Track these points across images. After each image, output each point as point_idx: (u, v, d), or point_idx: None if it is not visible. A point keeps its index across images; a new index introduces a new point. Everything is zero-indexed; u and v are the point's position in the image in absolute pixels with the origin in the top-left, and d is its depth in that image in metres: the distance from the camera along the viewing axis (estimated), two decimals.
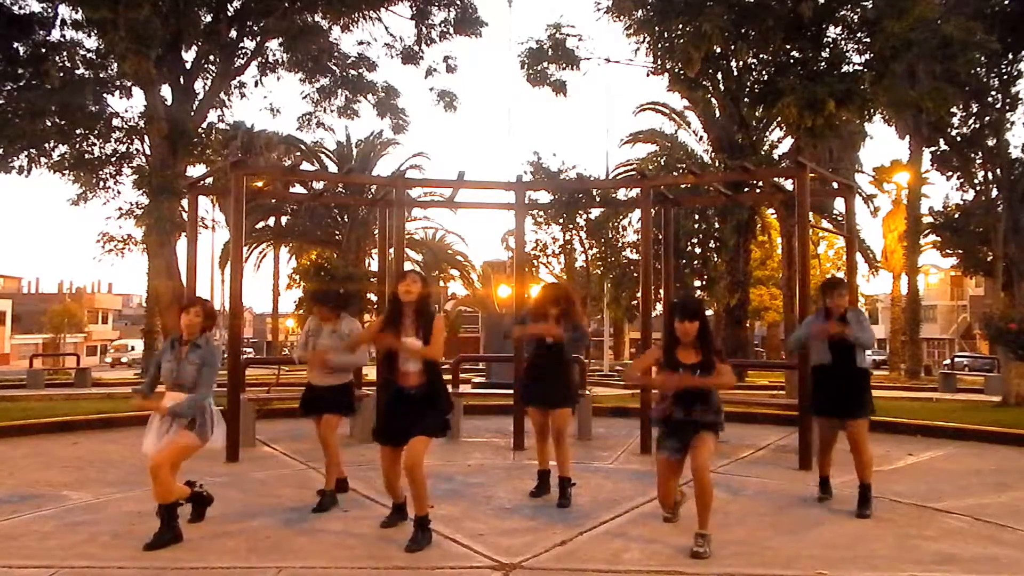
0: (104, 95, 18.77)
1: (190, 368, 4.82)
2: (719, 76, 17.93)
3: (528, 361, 6.00)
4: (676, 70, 15.78)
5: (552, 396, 5.80)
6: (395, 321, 4.72)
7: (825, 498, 5.81)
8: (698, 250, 21.47)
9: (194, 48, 18.92)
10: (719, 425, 4.70)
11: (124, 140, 18.76)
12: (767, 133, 23.20)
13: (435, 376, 4.75)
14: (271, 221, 35.03)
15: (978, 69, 19.73)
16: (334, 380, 5.92)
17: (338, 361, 5.82)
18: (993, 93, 21.39)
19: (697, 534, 4.48)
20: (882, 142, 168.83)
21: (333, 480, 5.80)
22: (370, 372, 7.85)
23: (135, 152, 18.94)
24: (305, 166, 28.09)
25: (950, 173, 23.58)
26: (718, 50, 15.25)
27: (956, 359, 32.36)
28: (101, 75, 18.62)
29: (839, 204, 22.11)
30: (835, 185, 10.87)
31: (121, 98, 21.82)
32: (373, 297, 18.97)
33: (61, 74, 17.20)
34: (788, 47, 14.24)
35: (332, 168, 33.97)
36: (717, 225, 21.49)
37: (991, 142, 21.97)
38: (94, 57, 18.46)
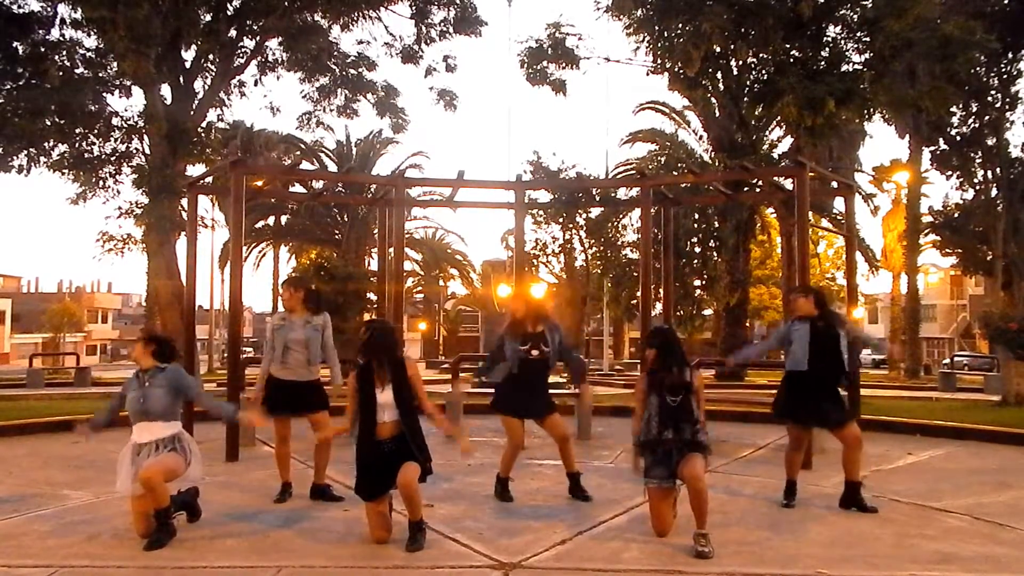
0: (103, 94, 18.77)
1: (158, 393, 4.77)
2: (719, 75, 17.95)
3: (511, 371, 5.75)
4: (676, 69, 15.79)
5: (536, 406, 5.76)
6: (368, 375, 4.71)
7: (790, 504, 5.66)
8: (698, 249, 21.51)
9: (193, 47, 18.91)
10: (707, 448, 4.78)
11: (124, 139, 18.75)
12: (767, 132, 23.22)
13: (411, 424, 4.68)
14: (271, 220, 35.03)
15: (978, 68, 19.76)
16: (307, 376, 5.84)
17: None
18: (993, 92, 21.41)
19: (697, 534, 4.49)
20: (882, 141, 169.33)
21: (324, 473, 5.86)
22: None
23: (135, 151, 18.93)
24: (305, 165, 28.11)
25: (950, 172, 23.60)
26: (718, 49, 15.27)
27: (956, 358, 32.35)
28: (100, 74, 18.62)
29: (839, 203, 22.14)
30: (835, 184, 10.87)
31: (120, 97, 21.88)
32: (373, 296, 18.99)
33: (60, 73, 17.20)
34: (788, 46, 14.26)
35: (332, 167, 33.97)
36: (717, 224, 21.53)
37: (991, 141, 21.99)
38: (93, 56, 18.46)
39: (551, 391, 6.15)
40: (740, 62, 16.61)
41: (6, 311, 61.01)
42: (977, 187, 23.28)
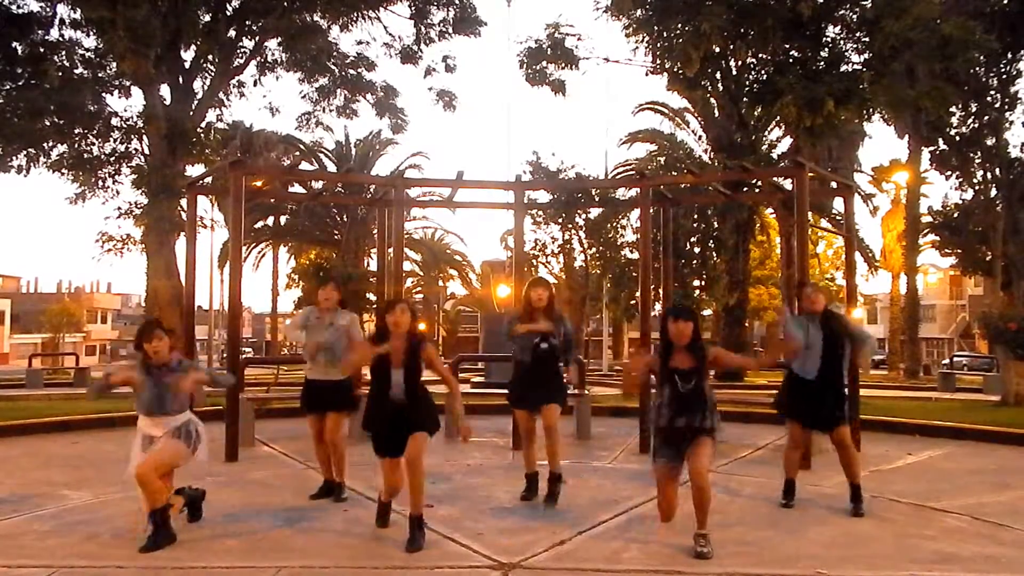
0: (103, 94, 18.76)
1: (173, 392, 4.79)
2: (718, 75, 17.97)
3: (519, 363, 5.80)
4: (675, 69, 15.79)
5: (539, 396, 5.70)
6: (384, 354, 4.71)
7: (789, 505, 5.66)
8: (697, 249, 21.51)
9: (193, 47, 18.91)
10: (717, 430, 4.72)
11: (123, 139, 18.75)
12: (766, 132, 23.23)
13: (422, 398, 4.76)
14: (270, 221, 35.01)
15: (977, 68, 19.77)
16: (335, 376, 5.90)
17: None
18: (992, 92, 21.40)
19: (697, 534, 4.49)
20: (881, 142, 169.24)
21: (344, 473, 5.88)
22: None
23: (134, 152, 18.93)
24: (304, 166, 28.12)
25: (949, 172, 23.60)
26: (717, 49, 15.27)
27: (955, 358, 32.34)
28: (100, 74, 18.62)
29: (838, 203, 22.15)
30: (834, 184, 10.87)
31: (120, 97, 21.86)
32: (372, 297, 18.98)
33: (60, 73, 17.20)
34: (787, 47, 14.26)
35: (331, 168, 33.95)
36: (716, 225, 21.53)
37: (990, 141, 21.98)
38: (93, 56, 18.45)
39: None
40: (739, 62, 16.63)
41: (5, 311, 61.01)
42: (976, 187, 23.27)
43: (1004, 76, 21.18)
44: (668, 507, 4.74)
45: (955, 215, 24.41)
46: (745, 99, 17.36)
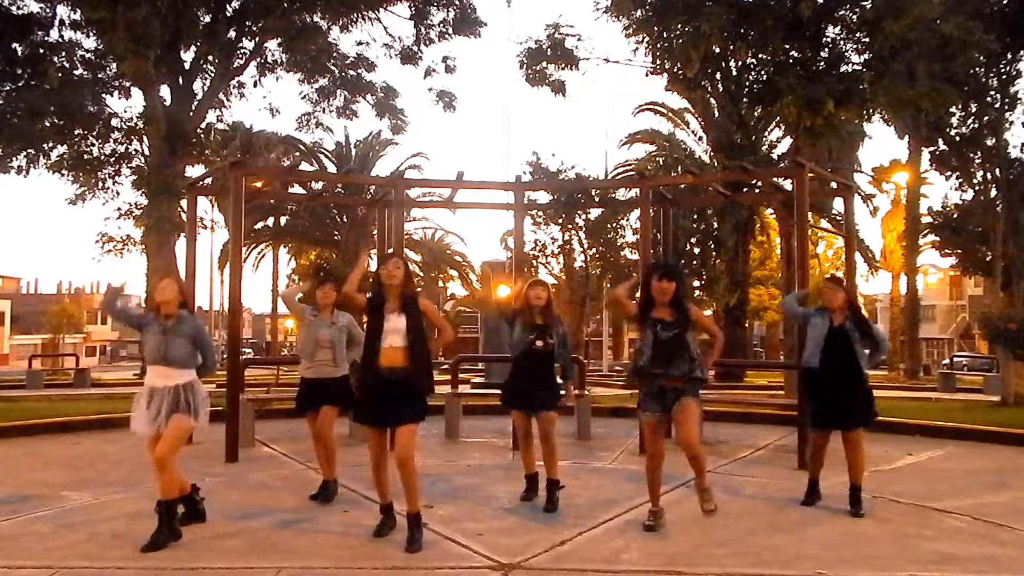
0: (103, 95, 18.79)
1: (180, 343, 4.77)
2: (718, 76, 17.94)
3: (514, 362, 5.76)
4: (675, 70, 15.77)
5: (534, 399, 5.66)
6: (379, 304, 4.68)
7: (810, 502, 5.69)
8: (697, 250, 21.53)
9: (193, 48, 18.94)
10: (699, 380, 4.77)
11: (123, 140, 18.77)
12: (766, 133, 23.23)
13: (421, 360, 4.64)
14: (270, 221, 34.98)
15: (977, 69, 19.75)
16: (330, 372, 5.91)
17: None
18: (992, 93, 21.39)
19: (700, 489, 4.76)
20: (881, 142, 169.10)
21: (334, 470, 5.87)
22: None
23: (134, 152, 18.96)
24: (304, 166, 28.13)
25: (949, 173, 23.60)
26: (717, 50, 15.24)
27: (955, 359, 32.36)
28: (100, 75, 18.64)
29: (838, 204, 22.14)
30: (834, 185, 10.87)
31: (120, 98, 21.88)
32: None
33: (60, 74, 17.21)
34: (787, 47, 14.22)
35: (331, 168, 33.94)
36: (716, 225, 21.53)
37: (990, 142, 21.98)
38: (93, 57, 18.47)
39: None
40: (739, 63, 16.59)
41: (6, 312, 60.99)
42: (976, 187, 23.27)
43: (1004, 76, 21.16)
44: (654, 447, 4.90)
45: (955, 215, 24.40)
46: (745, 99, 17.34)
